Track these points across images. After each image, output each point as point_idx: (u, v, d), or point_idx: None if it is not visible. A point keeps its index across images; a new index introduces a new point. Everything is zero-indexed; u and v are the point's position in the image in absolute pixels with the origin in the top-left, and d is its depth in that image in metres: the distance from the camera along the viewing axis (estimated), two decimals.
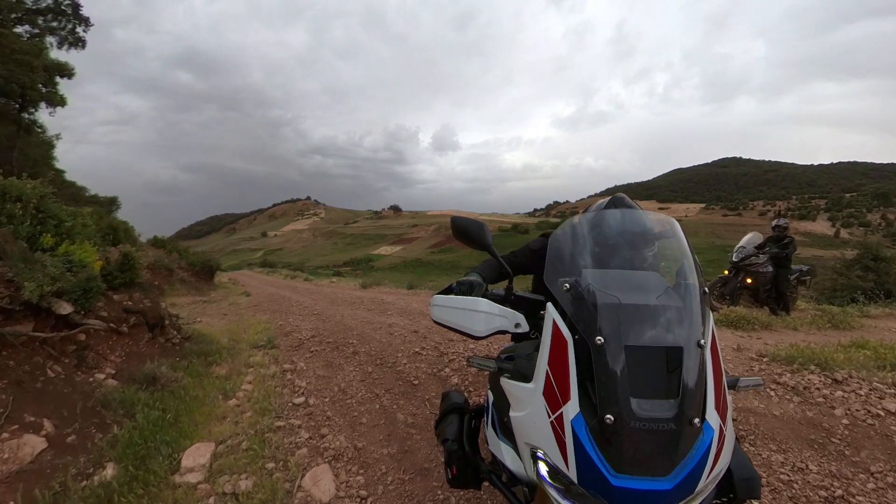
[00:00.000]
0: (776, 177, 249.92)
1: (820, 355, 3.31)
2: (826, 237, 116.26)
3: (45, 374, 2.56)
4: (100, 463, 2.02)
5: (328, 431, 2.49)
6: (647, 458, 0.80)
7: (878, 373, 3.06)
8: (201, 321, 6.17)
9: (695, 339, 0.88)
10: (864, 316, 6.52)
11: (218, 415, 2.73)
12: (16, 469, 1.91)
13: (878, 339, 4.05)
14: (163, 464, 2.02)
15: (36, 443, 2.07)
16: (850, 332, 5.20)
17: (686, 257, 1.05)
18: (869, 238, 15.44)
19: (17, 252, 2.84)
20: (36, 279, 2.44)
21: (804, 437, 2.41)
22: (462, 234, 1.23)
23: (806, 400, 2.78)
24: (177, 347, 4.13)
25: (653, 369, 0.86)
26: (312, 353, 4.17)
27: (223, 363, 3.86)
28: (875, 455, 2.20)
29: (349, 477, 2.01)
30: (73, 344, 2.95)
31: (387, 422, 2.60)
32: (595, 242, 1.10)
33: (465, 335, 1.11)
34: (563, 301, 0.96)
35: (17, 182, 3.10)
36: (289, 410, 2.81)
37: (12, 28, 13.39)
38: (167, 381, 2.97)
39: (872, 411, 2.55)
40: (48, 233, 2.91)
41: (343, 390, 3.12)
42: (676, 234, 1.12)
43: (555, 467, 0.86)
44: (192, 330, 4.67)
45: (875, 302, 8.19)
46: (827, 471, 2.11)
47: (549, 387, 0.90)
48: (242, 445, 2.29)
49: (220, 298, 10.81)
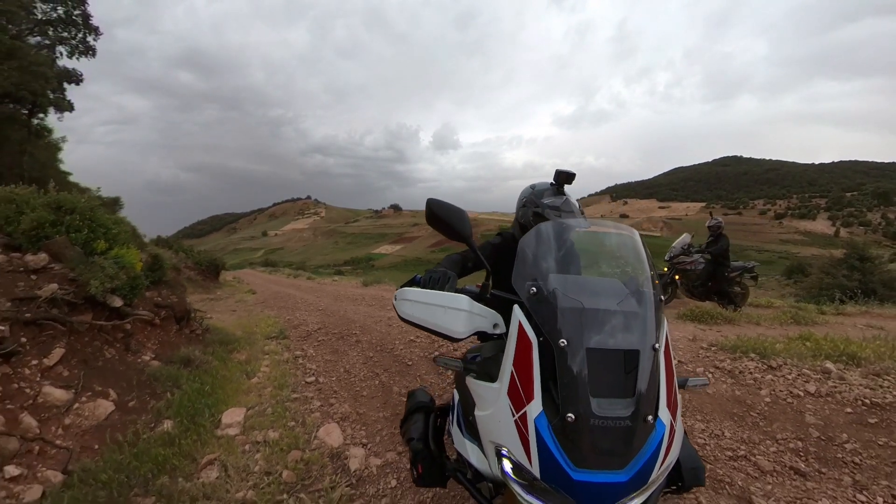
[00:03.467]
0: (777, 176, 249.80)
1: (762, 345, 3.71)
2: (826, 236, 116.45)
3: (103, 355, 3.12)
4: (159, 420, 2.58)
5: (336, 401, 3.05)
6: (605, 453, 0.84)
7: (813, 361, 3.41)
8: (212, 317, 6.71)
9: (650, 342, 0.94)
10: (839, 313, 6.89)
11: (244, 389, 3.28)
12: (95, 424, 2.47)
13: (827, 334, 4.32)
14: (208, 420, 2.59)
15: (107, 406, 2.63)
16: (810, 326, 5.47)
17: (644, 267, 1.10)
18: (856, 238, 15.85)
19: (75, 256, 3.39)
20: (98, 278, 2.99)
21: (728, 411, 2.81)
22: (438, 221, 1.16)
23: (738, 382, 3.19)
24: (200, 337, 4.69)
25: (611, 370, 0.90)
26: (320, 342, 4.74)
27: (242, 350, 4.41)
28: (785, 426, 2.59)
29: (353, 431, 2.58)
30: (122, 332, 3.51)
31: (384, 394, 3.16)
32: (561, 249, 1.12)
33: (440, 335, 1.05)
34: (530, 304, 0.99)
35: (70, 196, 3.65)
36: (302, 387, 3.37)
37: (26, 38, 13.96)
38: (200, 363, 3.53)
39: (794, 392, 2.94)
40: (100, 239, 3.46)
41: (348, 371, 3.69)
42: (636, 245, 1.15)
43: (518, 464, 0.89)
44: (208, 324, 5.22)
45: (854, 300, 8.64)
46: (739, 437, 2.50)
47: (513, 386, 0.93)
48: (267, 411, 2.85)
49: (226, 296, 11.25)
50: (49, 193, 3.70)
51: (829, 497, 1.99)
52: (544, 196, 1.62)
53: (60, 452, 2.07)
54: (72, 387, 2.54)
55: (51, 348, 2.73)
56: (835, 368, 3.24)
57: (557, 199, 1.59)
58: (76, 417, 2.37)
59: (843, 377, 3.11)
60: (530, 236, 1.11)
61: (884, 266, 13.06)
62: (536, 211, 1.60)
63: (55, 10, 14.70)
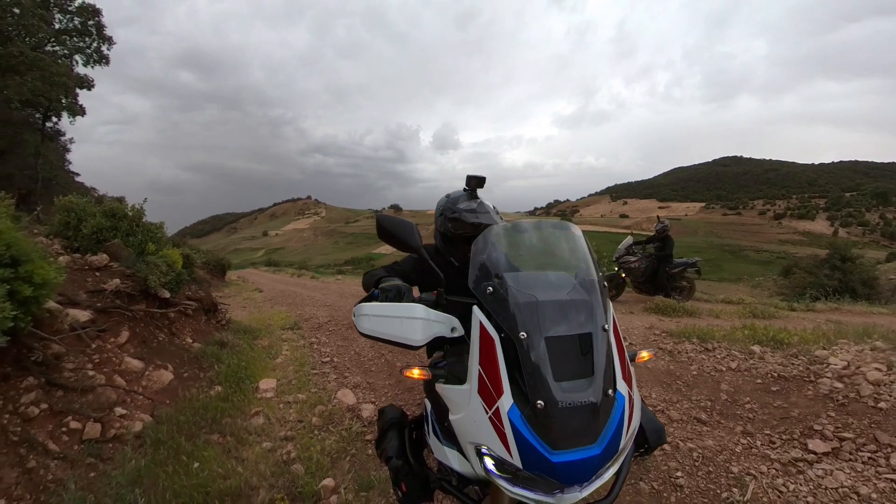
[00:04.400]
0: (777, 176, 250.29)
1: (704, 332, 4.33)
2: (825, 236, 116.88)
3: (157, 338, 3.82)
4: (210, 386, 3.29)
5: (349, 374, 3.76)
6: (577, 432, 0.89)
7: (747, 345, 3.90)
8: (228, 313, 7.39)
9: (600, 325, 1.01)
10: (809, 310, 7.35)
11: (270, 367, 3.98)
12: (162, 387, 3.17)
13: (768, 325, 4.71)
14: (249, 386, 3.29)
15: (167, 375, 3.33)
16: (767, 320, 5.83)
17: (587, 257, 1.17)
18: (838, 239, 16.45)
19: (129, 256, 4.09)
20: (155, 274, 3.69)
21: (660, 380, 3.41)
22: (389, 235, 1.21)
23: (675, 359, 3.81)
24: (225, 327, 5.40)
25: (570, 354, 0.96)
26: (331, 331, 5.44)
27: (263, 338, 5.11)
28: (701, 391, 3.18)
29: (364, 394, 3.28)
30: (167, 319, 4.21)
31: (389, 368, 3.87)
32: (512, 248, 1.19)
33: (400, 346, 1.09)
34: (488, 303, 1.03)
35: (121, 206, 4.36)
36: (319, 366, 4.06)
37: (44, 48, 14.71)
38: (232, 345, 4.23)
39: (718, 368, 3.51)
40: (149, 242, 4.16)
41: (358, 353, 4.39)
42: (578, 239, 1.23)
43: (500, 459, 0.92)
44: (230, 316, 5.92)
45: (827, 298, 9.22)
46: (662, 398, 3.11)
47: (482, 385, 0.97)
48: (293, 382, 3.56)
49: (234, 294, 11.71)
50: (104, 203, 4.40)
51: (717, 438, 2.59)
52: (459, 202, 1.71)
53: (146, 402, 2.77)
54: (142, 359, 3.24)
55: (120, 330, 3.43)
56: (759, 350, 3.78)
57: (472, 202, 1.70)
58: (149, 381, 3.08)
59: (763, 357, 3.67)
60: (480, 240, 1.16)
61: (865, 266, 13.64)
62: (453, 217, 1.68)
63: (72, 20, 15.41)
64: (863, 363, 3.09)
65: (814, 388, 2.97)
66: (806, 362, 3.41)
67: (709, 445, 2.49)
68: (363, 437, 2.57)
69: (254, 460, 2.29)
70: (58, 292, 3.25)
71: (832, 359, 3.29)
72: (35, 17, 13.51)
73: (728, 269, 72.38)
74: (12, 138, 15.94)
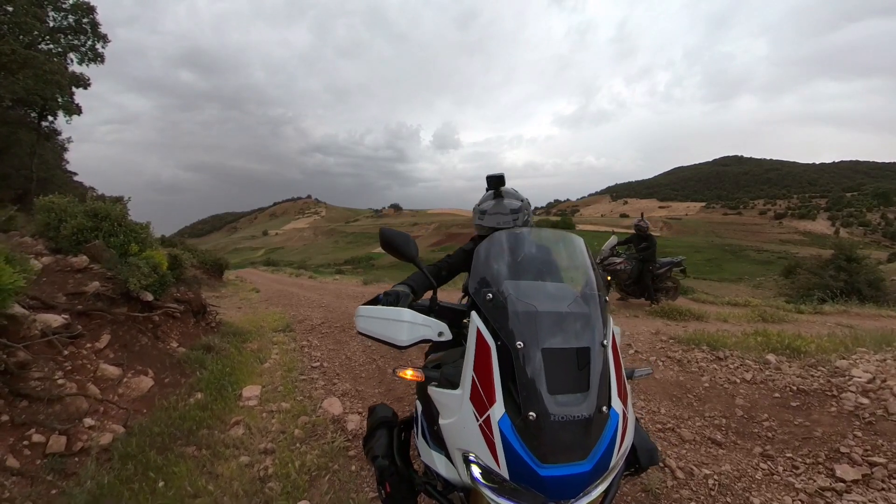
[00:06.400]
0: (777, 176, 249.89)
1: (715, 339, 4.09)
2: (825, 236, 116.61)
3: (139, 342, 3.64)
4: (191, 393, 3.11)
5: (338, 381, 3.57)
6: (567, 446, 0.88)
7: (758, 353, 3.69)
8: (221, 314, 7.20)
9: (599, 340, 1.00)
10: (817, 312, 7.16)
11: (257, 372, 3.80)
12: (140, 395, 2.99)
13: (781, 330, 4.56)
14: (231, 394, 3.11)
15: (147, 381, 3.15)
16: (777, 324, 5.70)
17: (589, 270, 1.17)
18: (843, 239, 16.24)
19: (110, 257, 3.91)
20: (136, 276, 3.51)
21: (669, 393, 3.16)
22: (389, 246, 1.28)
23: (684, 369, 3.56)
24: (215, 329, 5.21)
25: (566, 368, 0.95)
26: (324, 334, 5.26)
27: (253, 341, 4.93)
28: (715, 407, 2.91)
29: (352, 403, 3.10)
30: (151, 323, 4.03)
31: (379, 375, 3.69)
32: (514, 256, 1.19)
33: (389, 345, 1.13)
34: (486, 310, 1.03)
35: (104, 205, 4.18)
36: (308, 371, 3.88)
37: (38, 46, 14.53)
38: (219, 350, 4.05)
39: (732, 379, 3.25)
40: (132, 242, 3.98)
41: (349, 358, 4.21)
42: (582, 251, 1.23)
43: (487, 468, 0.91)
44: (220, 318, 5.74)
45: (834, 300, 8.99)
46: (672, 414, 2.84)
47: (475, 391, 0.96)
48: (279, 388, 3.38)
49: (231, 294, 11.57)
50: (87, 202, 4.22)
51: (734, 462, 2.31)
52: (482, 203, 1.87)
53: (120, 412, 2.59)
54: (120, 365, 3.06)
55: (99, 334, 3.26)
56: (774, 360, 3.52)
57: (489, 203, 1.85)
58: (126, 389, 2.90)
59: (779, 367, 3.39)
60: (483, 246, 1.19)
61: (871, 267, 13.40)
62: (475, 220, 1.87)
63: (66, 18, 15.24)
64: (888, 376, 2.87)
65: (837, 403, 2.75)
66: (826, 374, 3.16)
67: (725, 471, 2.25)
68: (346, 453, 2.39)
69: (228, 477, 2.12)
70: (33, 296, 3.08)
71: (854, 370, 3.08)
72: (28, 14, 13.34)
73: (728, 269, 72.10)
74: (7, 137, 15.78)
